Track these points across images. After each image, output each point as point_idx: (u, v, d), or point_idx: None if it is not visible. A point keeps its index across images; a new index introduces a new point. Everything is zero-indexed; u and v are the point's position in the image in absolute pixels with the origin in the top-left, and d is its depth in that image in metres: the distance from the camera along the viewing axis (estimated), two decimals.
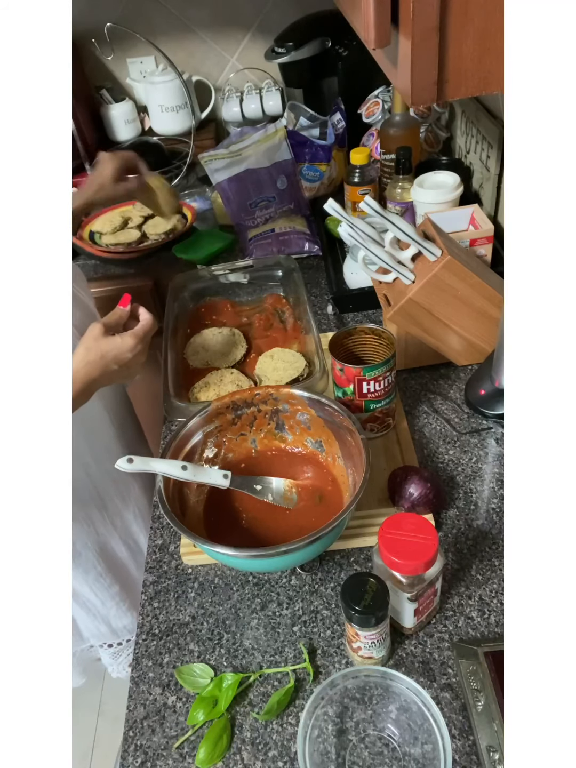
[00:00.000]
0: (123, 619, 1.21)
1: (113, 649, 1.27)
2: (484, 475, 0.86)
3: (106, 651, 1.28)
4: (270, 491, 0.78)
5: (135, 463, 0.68)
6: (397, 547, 0.62)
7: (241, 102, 1.78)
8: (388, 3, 0.55)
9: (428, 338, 0.96)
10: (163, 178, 1.21)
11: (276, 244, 1.33)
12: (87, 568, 1.10)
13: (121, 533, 1.15)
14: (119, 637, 1.24)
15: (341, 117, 1.50)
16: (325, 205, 0.85)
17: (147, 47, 1.69)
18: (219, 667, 0.70)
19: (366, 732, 0.62)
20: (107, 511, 1.12)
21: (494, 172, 1.18)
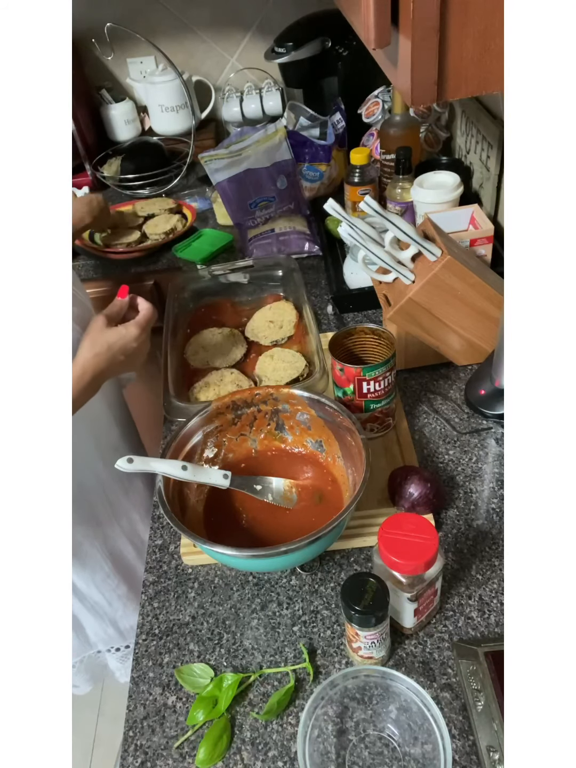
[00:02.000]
0: (130, 619, 1.21)
1: (121, 653, 1.26)
2: (484, 475, 0.86)
3: (114, 655, 1.27)
4: (270, 491, 0.78)
5: (135, 463, 0.68)
6: (397, 547, 0.62)
7: (241, 102, 1.78)
8: (388, 3, 0.55)
9: (428, 338, 0.96)
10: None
11: (276, 244, 1.33)
12: (94, 568, 1.10)
13: (128, 533, 1.16)
14: (126, 639, 1.24)
15: (341, 117, 1.50)
16: (325, 205, 0.85)
17: (147, 47, 1.68)
18: (219, 667, 0.70)
19: (366, 732, 0.62)
20: (114, 512, 1.12)
21: (494, 172, 1.18)
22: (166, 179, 1.68)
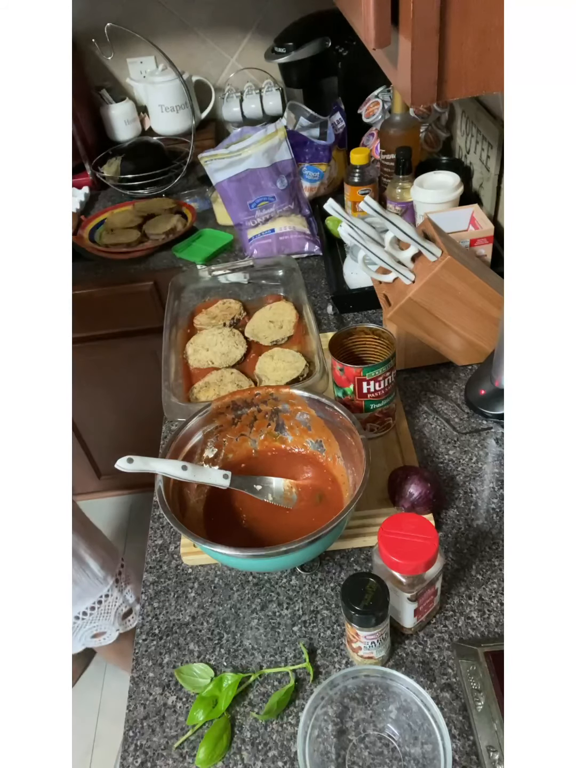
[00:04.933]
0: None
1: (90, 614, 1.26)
2: (484, 475, 0.86)
3: (84, 620, 1.26)
4: (270, 491, 0.78)
5: (135, 463, 0.68)
6: (397, 547, 0.62)
7: (241, 102, 1.78)
8: (388, 3, 0.55)
9: (428, 338, 0.96)
10: None
11: (276, 244, 1.33)
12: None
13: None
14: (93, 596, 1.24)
15: (341, 117, 1.50)
16: (325, 205, 0.85)
17: (147, 47, 1.69)
18: (219, 667, 0.70)
19: (366, 732, 0.62)
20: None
21: (494, 172, 1.18)
22: (166, 179, 1.68)
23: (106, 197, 1.74)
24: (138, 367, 1.64)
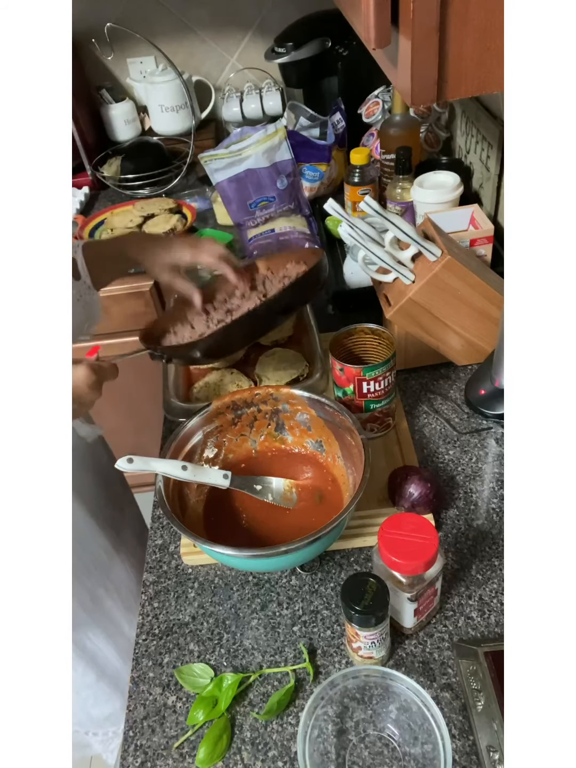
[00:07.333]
0: (103, 707, 1.10)
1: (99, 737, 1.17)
2: (484, 475, 0.86)
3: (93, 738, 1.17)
4: (270, 491, 0.78)
5: (135, 462, 0.68)
6: (397, 547, 0.62)
7: (241, 102, 1.78)
8: (388, 3, 0.55)
9: (428, 338, 0.96)
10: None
11: (276, 244, 1.33)
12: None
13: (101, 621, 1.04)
14: (102, 727, 1.15)
15: (341, 117, 1.50)
16: (325, 205, 0.85)
17: (147, 47, 1.69)
18: (219, 667, 0.70)
19: (366, 732, 0.62)
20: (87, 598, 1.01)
21: (494, 172, 1.18)
22: (166, 179, 1.68)
23: (106, 197, 1.74)
24: (138, 367, 1.64)
